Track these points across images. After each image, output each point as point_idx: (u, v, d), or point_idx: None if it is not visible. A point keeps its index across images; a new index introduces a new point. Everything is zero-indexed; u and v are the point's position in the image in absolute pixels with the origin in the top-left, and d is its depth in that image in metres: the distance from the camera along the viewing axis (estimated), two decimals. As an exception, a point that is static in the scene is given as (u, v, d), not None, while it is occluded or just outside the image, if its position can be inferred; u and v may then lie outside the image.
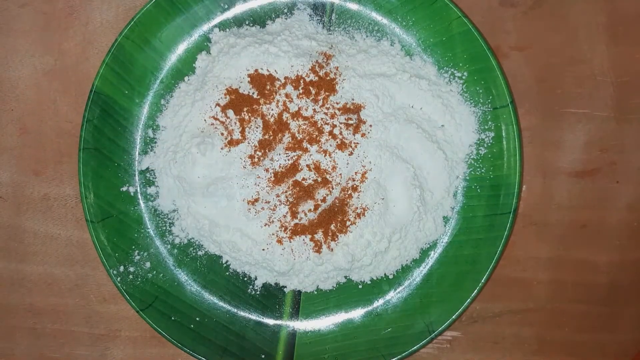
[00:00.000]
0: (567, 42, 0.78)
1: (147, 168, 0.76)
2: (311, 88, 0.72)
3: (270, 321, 0.76)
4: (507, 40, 0.78)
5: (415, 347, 0.73)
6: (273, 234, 0.72)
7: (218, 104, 0.73)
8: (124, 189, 0.76)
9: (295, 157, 0.72)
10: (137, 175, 0.76)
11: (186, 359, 0.77)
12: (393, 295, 0.76)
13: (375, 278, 0.76)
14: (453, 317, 0.73)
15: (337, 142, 0.72)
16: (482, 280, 0.73)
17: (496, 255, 0.73)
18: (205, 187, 0.72)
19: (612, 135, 0.78)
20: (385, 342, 0.75)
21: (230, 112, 0.72)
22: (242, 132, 0.72)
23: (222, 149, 0.72)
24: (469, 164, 0.75)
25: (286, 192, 0.72)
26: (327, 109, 0.73)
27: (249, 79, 0.73)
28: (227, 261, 0.76)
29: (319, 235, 0.72)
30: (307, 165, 0.72)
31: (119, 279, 0.74)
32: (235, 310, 0.76)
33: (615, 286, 0.78)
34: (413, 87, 0.74)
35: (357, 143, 0.73)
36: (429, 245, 0.76)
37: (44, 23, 0.80)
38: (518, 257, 0.78)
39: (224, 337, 0.75)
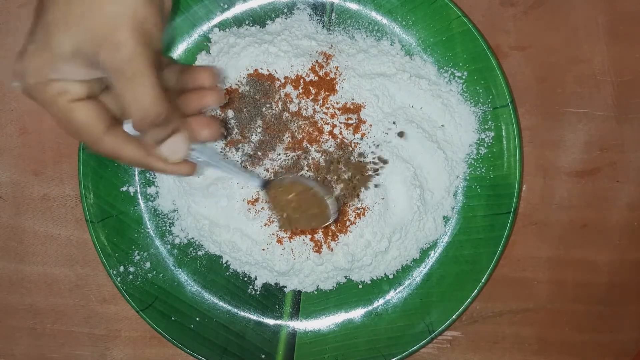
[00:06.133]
0: (567, 41, 0.78)
1: (147, 168, 0.76)
2: (311, 88, 0.72)
3: (270, 321, 0.76)
4: (507, 39, 0.78)
5: (415, 347, 0.73)
6: (273, 234, 0.72)
7: (218, 104, 0.73)
8: (124, 189, 0.76)
9: (295, 157, 0.72)
10: (137, 175, 0.76)
11: (186, 359, 0.77)
12: (393, 295, 0.76)
13: (375, 278, 0.76)
14: (453, 317, 0.73)
15: (337, 142, 0.72)
16: (482, 280, 0.73)
17: (496, 255, 0.73)
18: (206, 187, 0.72)
19: (613, 134, 0.78)
20: (386, 342, 0.75)
21: (230, 112, 0.72)
22: (242, 132, 0.72)
23: (222, 149, 0.72)
24: (469, 164, 0.75)
25: (286, 192, 0.72)
26: (327, 108, 0.73)
27: (248, 78, 0.73)
28: (227, 261, 0.76)
29: (319, 235, 0.72)
30: (307, 165, 0.72)
31: (119, 279, 0.74)
32: (235, 310, 0.76)
33: (615, 286, 0.78)
34: (413, 87, 0.74)
35: (357, 143, 0.73)
36: (429, 245, 0.76)
37: (43, 23, 0.79)
38: (518, 257, 0.78)
39: (224, 337, 0.75)
